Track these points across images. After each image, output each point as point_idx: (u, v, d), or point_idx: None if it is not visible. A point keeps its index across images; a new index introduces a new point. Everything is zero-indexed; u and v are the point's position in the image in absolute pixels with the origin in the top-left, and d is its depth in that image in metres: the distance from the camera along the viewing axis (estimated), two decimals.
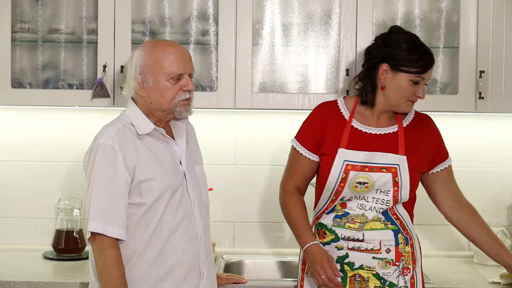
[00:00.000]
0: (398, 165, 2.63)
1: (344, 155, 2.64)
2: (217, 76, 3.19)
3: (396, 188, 2.63)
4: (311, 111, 2.78)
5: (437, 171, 2.75)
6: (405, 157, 2.64)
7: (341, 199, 2.66)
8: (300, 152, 2.72)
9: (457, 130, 3.44)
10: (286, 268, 3.38)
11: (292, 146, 2.76)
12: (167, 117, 2.52)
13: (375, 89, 2.67)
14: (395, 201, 2.65)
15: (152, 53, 2.46)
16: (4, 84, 3.19)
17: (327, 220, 2.69)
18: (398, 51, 2.60)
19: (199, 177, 2.60)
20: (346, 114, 2.71)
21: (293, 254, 3.44)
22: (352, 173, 2.62)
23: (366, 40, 3.16)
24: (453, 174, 2.79)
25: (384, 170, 2.62)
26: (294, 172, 2.75)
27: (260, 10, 3.24)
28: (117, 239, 2.38)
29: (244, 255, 3.42)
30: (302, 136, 2.74)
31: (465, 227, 2.76)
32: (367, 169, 2.62)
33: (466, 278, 3.07)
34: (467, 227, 2.76)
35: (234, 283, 2.90)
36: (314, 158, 2.71)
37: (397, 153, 2.64)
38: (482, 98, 3.15)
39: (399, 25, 3.19)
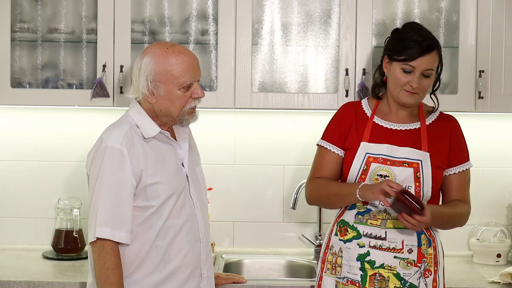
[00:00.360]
0: (420, 160, 2.62)
1: (366, 148, 2.65)
2: (217, 76, 3.19)
3: (418, 184, 2.62)
4: (336, 111, 2.79)
5: (454, 173, 2.72)
6: (428, 153, 2.64)
7: None
8: (328, 148, 2.73)
9: None
10: (285, 268, 3.38)
11: (319, 146, 2.76)
12: (173, 123, 2.51)
13: (384, 82, 2.73)
14: None
15: (163, 61, 2.41)
16: (4, 84, 3.19)
17: (349, 216, 2.67)
18: (393, 42, 2.65)
19: (200, 179, 2.59)
20: (368, 112, 2.73)
21: (293, 254, 3.44)
22: (373, 165, 2.62)
23: (366, 40, 3.16)
24: (465, 180, 2.75)
25: (406, 165, 2.62)
26: (320, 168, 2.75)
27: (260, 10, 3.24)
28: (118, 244, 2.36)
29: (244, 255, 3.42)
30: (328, 134, 2.76)
31: None
32: (388, 162, 2.62)
33: (466, 278, 3.07)
34: None
35: (233, 282, 2.90)
36: (339, 152, 2.72)
37: (420, 149, 2.64)
38: (482, 97, 3.15)
39: (399, 25, 3.19)
